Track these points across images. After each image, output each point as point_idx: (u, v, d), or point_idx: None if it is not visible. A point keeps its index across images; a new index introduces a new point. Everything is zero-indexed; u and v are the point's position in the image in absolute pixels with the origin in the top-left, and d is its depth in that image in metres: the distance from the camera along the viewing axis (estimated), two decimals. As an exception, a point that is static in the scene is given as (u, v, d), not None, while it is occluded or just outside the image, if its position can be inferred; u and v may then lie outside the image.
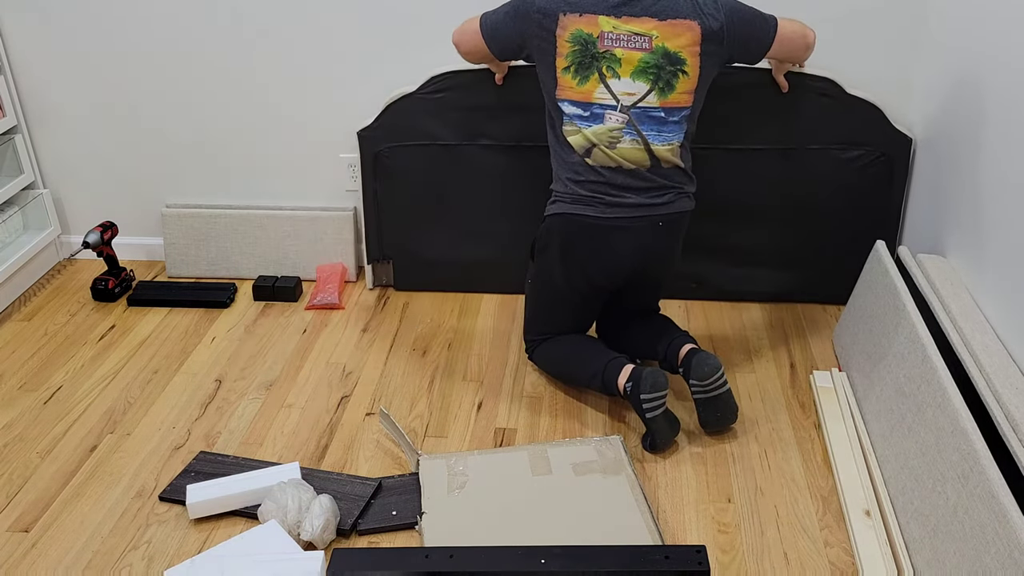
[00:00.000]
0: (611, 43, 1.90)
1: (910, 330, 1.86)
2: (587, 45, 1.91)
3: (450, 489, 1.84)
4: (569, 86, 1.94)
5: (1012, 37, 1.83)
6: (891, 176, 2.39)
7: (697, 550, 1.60)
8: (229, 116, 2.64)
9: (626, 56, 1.90)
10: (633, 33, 1.89)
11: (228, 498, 1.81)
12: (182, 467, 1.96)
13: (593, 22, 1.90)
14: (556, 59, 1.94)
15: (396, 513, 1.80)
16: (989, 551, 1.39)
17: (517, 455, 1.94)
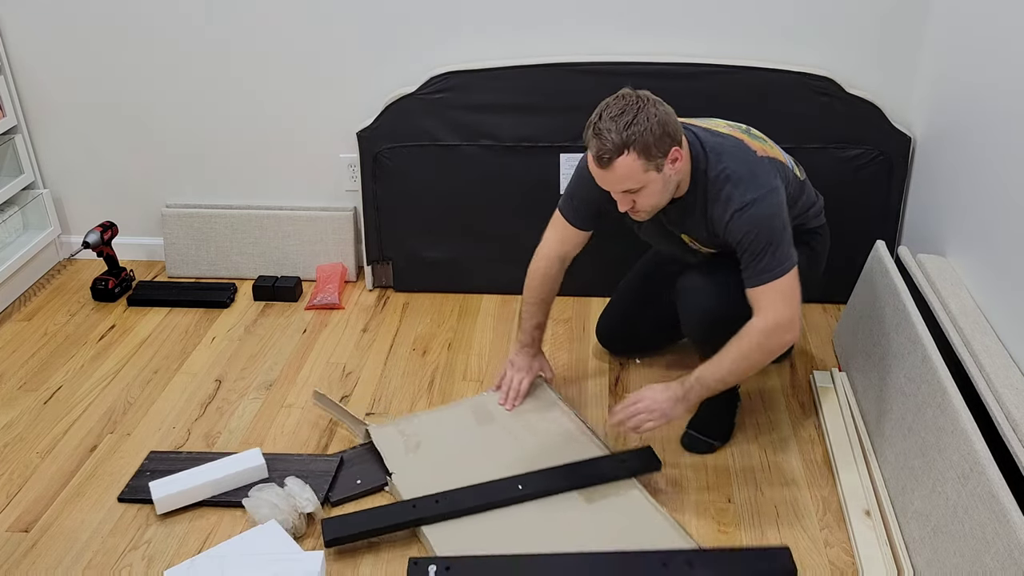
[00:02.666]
0: None
1: (910, 330, 1.86)
2: None
3: (407, 450, 1.93)
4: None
5: (1012, 37, 1.83)
6: (891, 175, 2.39)
7: (644, 449, 1.90)
8: (229, 116, 2.64)
9: None
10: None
11: (194, 489, 1.83)
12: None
13: None
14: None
15: (360, 481, 1.88)
16: (989, 551, 1.39)
17: (459, 409, 2.06)
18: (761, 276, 1.70)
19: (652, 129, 1.63)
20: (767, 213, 1.70)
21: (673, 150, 1.67)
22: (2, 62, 2.60)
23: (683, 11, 2.34)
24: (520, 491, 1.79)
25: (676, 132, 1.68)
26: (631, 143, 1.63)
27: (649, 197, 1.72)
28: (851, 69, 2.36)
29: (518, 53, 2.42)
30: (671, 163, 1.68)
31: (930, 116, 2.28)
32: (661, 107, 1.66)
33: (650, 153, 1.64)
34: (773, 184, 1.73)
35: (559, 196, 2.48)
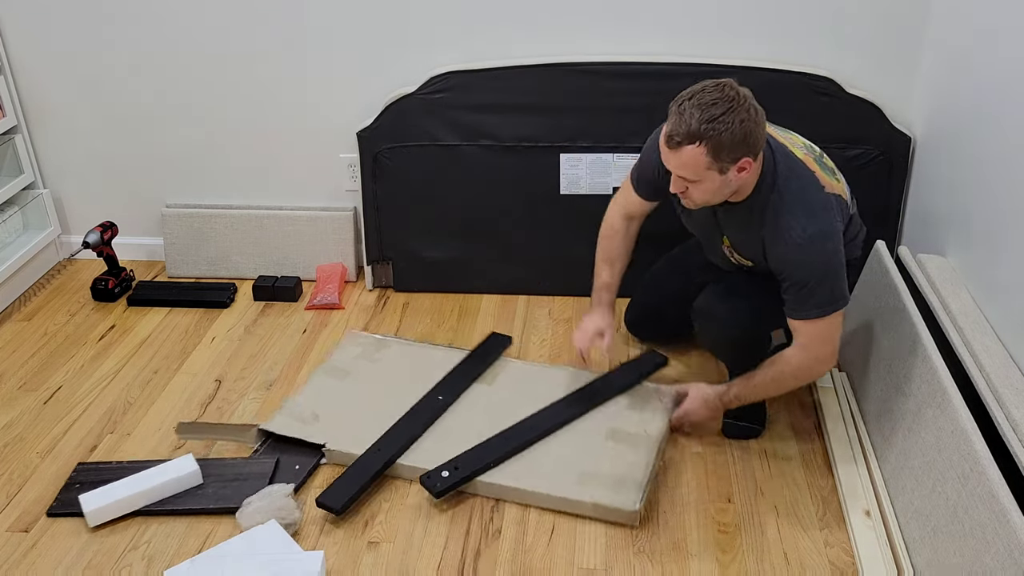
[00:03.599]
0: None
1: (910, 330, 1.86)
2: None
3: (309, 422, 2.00)
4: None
5: (1012, 36, 1.83)
6: (891, 175, 2.39)
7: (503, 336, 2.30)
8: (229, 116, 2.64)
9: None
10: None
11: (126, 500, 1.80)
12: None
13: None
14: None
15: (299, 467, 1.91)
16: (989, 551, 1.39)
17: (326, 380, 2.15)
18: (809, 310, 1.73)
19: (733, 132, 1.59)
20: (825, 251, 1.70)
21: (744, 160, 1.64)
22: (2, 62, 2.60)
23: (683, 11, 2.34)
24: (440, 401, 2.05)
25: (756, 143, 1.65)
26: (706, 137, 1.60)
27: (703, 192, 1.71)
28: (851, 69, 2.36)
29: (518, 53, 2.42)
30: (737, 171, 1.66)
31: (930, 116, 2.28)
32: (753, 113, 1.62)
33: (720, 155, 1.62)
34: (835, 225, 1.72)
35: (559, 196, 2.49)
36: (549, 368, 2.20)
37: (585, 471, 1.85)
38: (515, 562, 1.71)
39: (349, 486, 1.83)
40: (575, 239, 2.47)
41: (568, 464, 1.87)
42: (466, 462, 1.87)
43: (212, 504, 1.83)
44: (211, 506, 1.82)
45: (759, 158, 1.70)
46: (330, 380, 2.16)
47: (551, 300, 2.56)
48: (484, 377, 2.16)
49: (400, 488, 1.89)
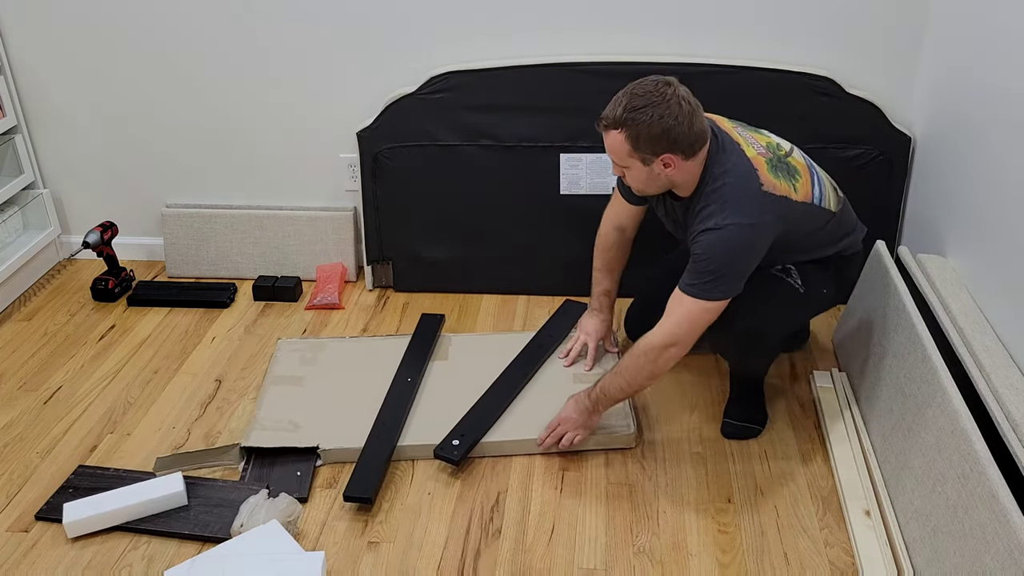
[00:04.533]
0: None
1: (910, 330, 1.86)
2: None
3: (292, 430, 2.00)
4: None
5: (1012, 37, 1.83)
6: (891, 175, 2.39)
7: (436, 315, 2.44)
8: (229, 116, 2.64)
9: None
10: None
11: (108, 514, 1.78)
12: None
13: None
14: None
15: (300, 474, 1.91)
16: (989, 551, 1.39)
17: (280, 390, 2.15)
18: (691, 287, 1.74)
19: (651, 126, 1.67)
20: (730, 243, 1.71)
21: (666, 155, 1.70)
22: (2, 62, 2.60)
23: (683, 11, 2.34)
24: (408, 383, 2.13)
25: (679, 141, 1.69)
26: (625, 125, 1.69)
27: (634, 179, 1.79)
28: (851, 69, 2.36)
29: (518, 53, 2.42)
30: (663, 165, 1.72)
31: (930, 116, 2.28)
32: (677, 113, 1.67)
33: (639, 144, 1.70)
34: (757, 220, 1.71)
35: (559, 196, 2.49)
36: (489, 336, 2.40)
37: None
38: (515, 562, 1.71)
39: (369, 475, 1.86)
40: (575, 239, 2.47)
41: (556, 410, 1.97)
42: (469, 427, 1.98)
43: (189, 530, 1.78)
44: (186, 531, 1.77)
45: (698, 157, 1.74)
46: (285, 388, 2.15)
47: (551, 300, 2.56)
48: (436, 355, 2.28)
49: (400, 488, 1.89)
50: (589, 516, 1.81)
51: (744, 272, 1.75)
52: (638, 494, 1.86)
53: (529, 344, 2.27)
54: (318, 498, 1.87)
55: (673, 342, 1.76)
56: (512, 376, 2.16)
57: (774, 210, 1.74)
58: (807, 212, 1.82)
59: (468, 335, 2.40)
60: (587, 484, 1.89)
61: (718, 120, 1.86)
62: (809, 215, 1.83)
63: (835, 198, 1.91)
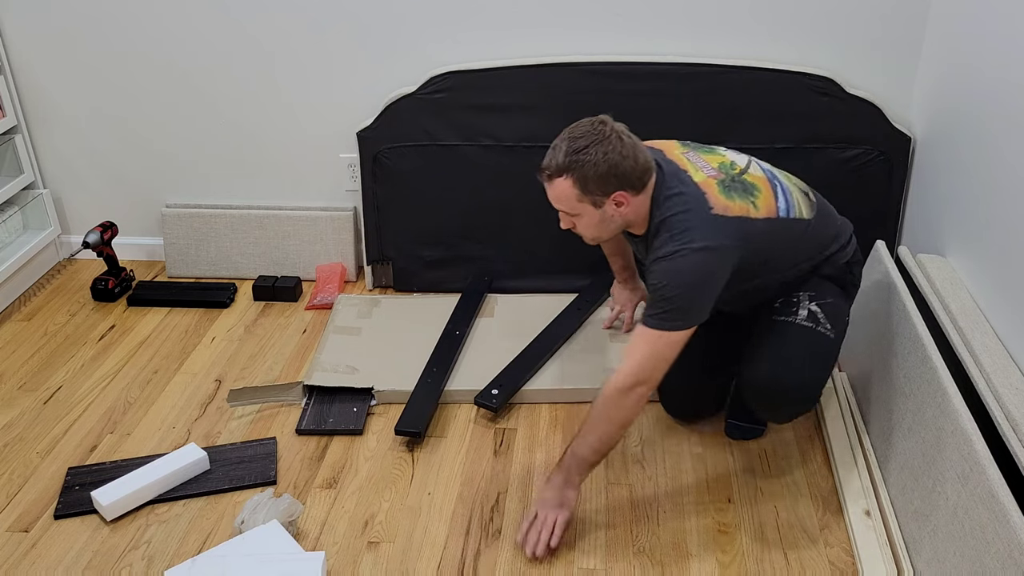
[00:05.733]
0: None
1: (910, 330, 1.86)
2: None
3: (350, 372, 2.19)
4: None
5: (1012, 36, 1.83)
6: (890, 175, 2.39)
7: (481, 281, 2.60)
8: (229, 116, 2.64)
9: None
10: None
11: (140, 491, 1.84)
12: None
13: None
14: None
15: (356, 410, 2.10)
16: (989, 551, 1.39)
17: (339, 339, 2.35)
18: (651, 318, 1.63)
19: (597, 164, 1.60)
20: (683, 270, 1.62)
21: (617, 193, 1.63)
22: (2, 62, 2.60)
23: (683, 11, 2.34)
24: (457, 336, 2.30)
25: (627, 176, 1.62)
26: (571, 169, 1.62)
27: (586, 227, 1.71)
28: (851, 69, 2.36)
29: (518, 53, 2.42)
30: (615, 204, 1.65)
31: (930, 116, 2.28)
32: (619, 147, 1.61)
33: (587, 187, 1.62)
34: (709, 244, 1.62)
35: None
36: (533, 297, 2.52)
37: (607, 367, 2.11)
38: (515, 562, 1.71)
39: (419, 412, 2.04)
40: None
41: (592, 363, 2.20)
42: (508, 378, 2.15)
43: (226, 484, 1.90)
44: (225, 486, 1.89)
45: (647, 190, 1.67)
46: (343, 337, 2.35)
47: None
48: (483, 312, 2.46)
49: (401, 488, 1.89)
50: (589, 516, 1.81)
51: (704, 300, 1.64)
52: (638, 494, 1.86)
53: (569, 306, 2.43)
54: (318, 498, 1.87)
55: (640, 380, 1.63)
56: (552, 333, 2.31)
57: (729, 232, 1.65)
58: (774, 227, 1.73)
59: (511, 296, 2.53)
60: (587, 484, 1.89)
61: (667, 146, 1.79)
62: (778, 229, 1.74)
63: (807, 204, 1.81)
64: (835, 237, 1.87)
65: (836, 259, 1.86)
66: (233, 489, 1.89)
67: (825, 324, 1.80)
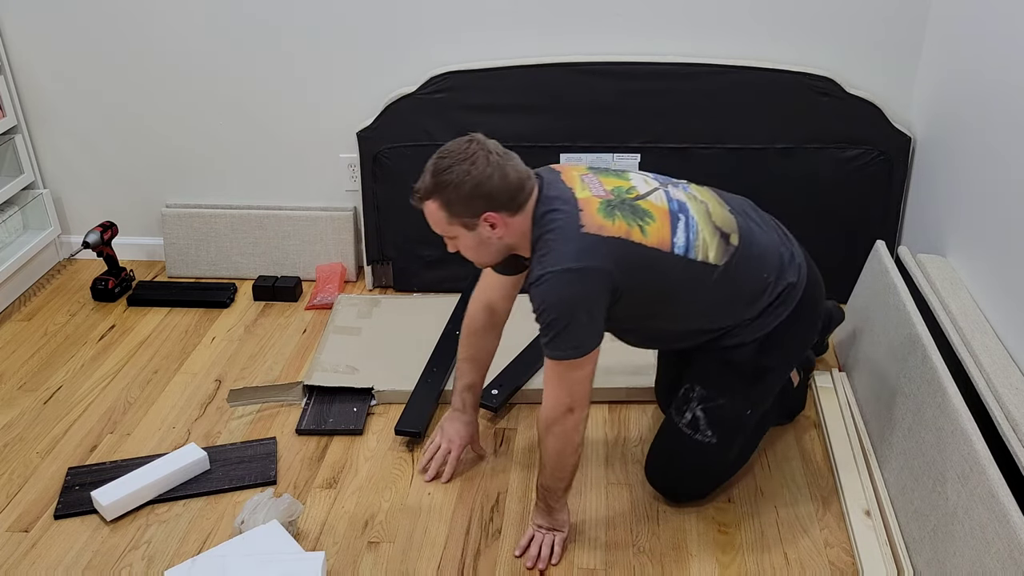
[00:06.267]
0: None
1: (910, 330, 1.86)
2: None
3: (350, 372, 2.19)
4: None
5: (1012, 37, 1.83)
6: (891, 175, 2.39)
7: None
8: (229, 116, 2.64)
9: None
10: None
11: (140, 491, 1.84)
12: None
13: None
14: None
15: (356, 410, 2.10)
16: (989, 551, 1.39)
17: (339, 338, 2.35)
18: (546, 347, 1.56)
19: (460, 185, 1.53)
20: (553, 293, 1.52)
21: (487, 214, 1.55)
22: (2, 62, 2.60)
23: (683, 11, 2.34)
24: (458, 335, 2.10)
25: (495, 195, 1.54)
26: (436, 192, 1.57)
27: (466, 249, 1.65)
28: (851, 69, 2.36)
29: (518, 53, 2.42)
30: (488, 226, 1.57)
31: (930, 116, 2.28)
32: (484, 167, 1.53)
33: (454, 208, 1.56)
34: (574, 264, 1.52)
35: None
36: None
37: (606, 366, 1.90)
38: (515, 562, 1.71)
39: (419, 412, 2.05)
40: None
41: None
42: (507, 378, 2.13)
43: (226, 484, 1.90)
44: (225, 486, 1.89)
45: (525, 211, 1.58)
46: (343, 337, 2.35)
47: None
48: None
49: (401, 488, 1.89)
50: (589, 516, 1.81)
51: (584, 321, 1.54)
52: (638, 494, 1.86)
53: None
54: (318, 498, 1.87)
55: (567, 409, 1.58)
56: None
57: (597, 253, 1.53)
58: (666, 261, 1.58)
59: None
60: (587, 484, 1.89)
61: (568, 166, 1.68)
62: (673, 266, 1.59)
63: (719, 249, 1.62)
64: (761, 292, 1.67)
65: (760, 325, 1.67)
66: (233, 489, 1.89)
67: (706, 432, 1.72)
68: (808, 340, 1.81)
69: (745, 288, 1.66)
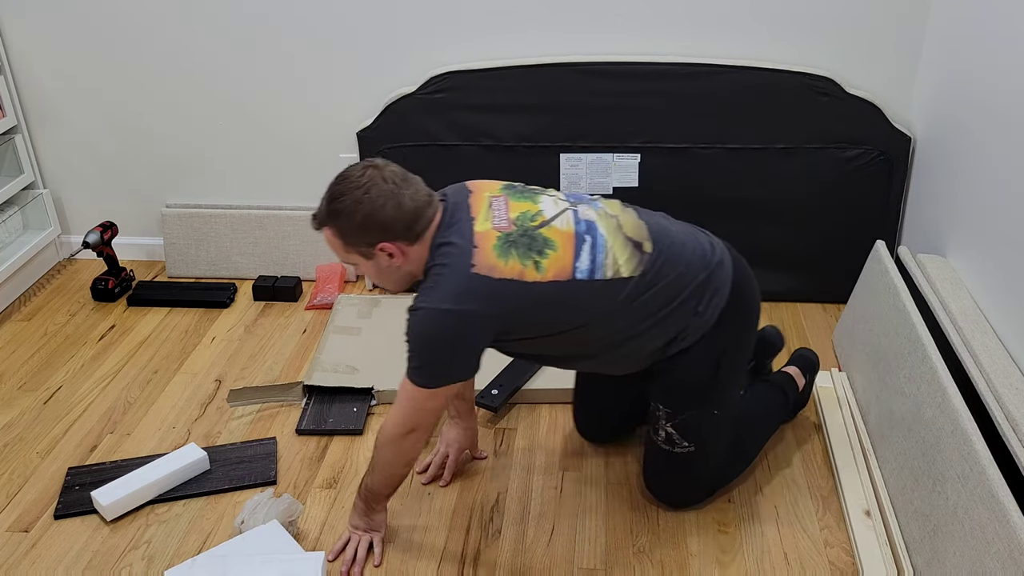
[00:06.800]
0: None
1: (910, 330, 1.86)
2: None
3: (350, 372, 2.20)
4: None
5: (1012, 37, 1.83)
6: (891, 175, 2.39)
7: None
8: (229, 116, 2.64)
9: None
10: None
11: (139, 491, 1.84)
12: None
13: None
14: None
15: (356, 410, 2.10)
16: (989, 551, 1.39)
17: (339, 338, 2.35)
18: (408, 369, 1.54)
19: (351, 215, 1.50)
20: (422, 328, 1.50)
21: (382, 243, 1.52)
22: (2, 62, 2.60)
23: (683, 11, 2.34)
24: None
25: (390, 225, 1.51)
26: (329, 220, 1.54)
27: (369, 275, 1.62)
28: (851, 69, 2.36)
29: (518, 53, 2.42)
30: (386, 255, 1.54)
31: (930, 116, 2.28)
32: (376, 196, 1.50)
33: (348, 237, 1.53)
34: (452, 307, 1.48)
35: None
36: None
37: None
38: (515, 562, 1.71)
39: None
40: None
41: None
42: (508, 378, 2.14)
43: (226, 484, 1.90)
44: (225, 486, 1.89)
45: (423, 241, 1.55)
46: (343, 337, 2.35)
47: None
48: None
49: (400, 488, 1.89)
50: (589, 516, 1.81)
51: (451, 360, 1.52)
52: (638, 494, 1.86)
53: None
54: (318, 498, 1.87)
55: (409, 429, 1.57)
56: None
57: (482, 296, 1.49)
58: (561, 291, 1.53)
59: None
60: (587, 484, 1.89)
61: (483, 186, 1.64)
62: (577, 293, 1.54)
63: (634, 259, 1.58)
64: (692, 287, 1.62)
65: (704, 320, 1.63)
66: (233, 489, 1.89)
67: (682, 444, 1.72)
68: (750, 326, 1.74)
69: (673, 287, 1.61)
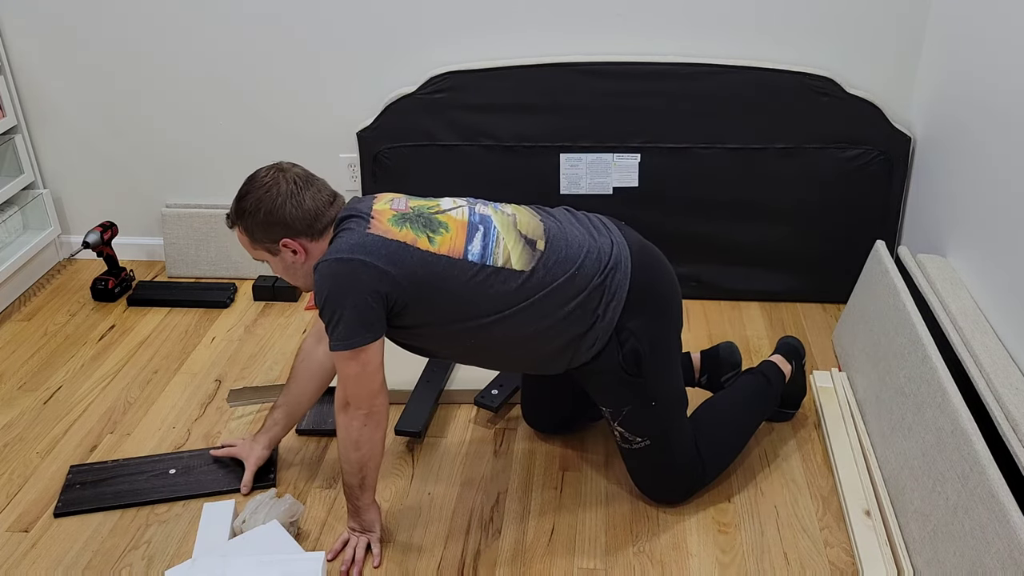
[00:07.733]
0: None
1: (910, 330, 1.86)
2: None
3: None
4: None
5: (1012, 37, 1.83)
6: (891, 175, 2.39)
7: None
8: (229, 116, 2.64)
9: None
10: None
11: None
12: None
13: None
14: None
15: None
16: (989, 551, 1.39)
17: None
18: (330, 341, 1.56)
19: (254, 213, 1.58)
20: (320, 283, 1.53)
21: (286, 240, 1.58)
22: (2, 62, 2.60)
23: (683, 11, 2.35)
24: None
25: (292, 222, 1.57)
26: (237, 219, 1.61)
27: (280, 273, 1.68)
28: (851, 69, 2.36)
29: (518, 53, 2.42)
30: (291, 252, 1.60)
31: (930, 116, 2.28)
32: (275, 195, 1.57)
33: (254, 235, 1.60)
34: (345, 256, 1.52)
35: (559, 196, 2.49)
36: None
37: None
38: (515, 562, 1.71)
39: (419, 412, 2.05)
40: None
41: None
42: (508, 378, 2.14)
43: (226, 486, 1.90)
44: (225, 487, 1.89)
45: (324, 237, 1.60)
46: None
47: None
48: None
49: (400, 488, 1.90)
50: (589, 516, 1.81)
51: (355, 310, 1.52)
52: (637, 494, 1.86)
53: None
54: (318, 498, 1.87)
55: (344, 402, 1.59)
56: None
57: (374, 250, 1.53)
58: (452, 267, 1.56)
59: None
60: (587, 484, 1.89)
61: (382, 194, 1.69)
62: (466, 273, 1.56)
63: (526, 255, 1.60)
64: (589, 288, 1.62)
65: (608, 321, 1.63)
66: (233, 490, 1.89)
67: (635, 439, 1.74)
68: (662, 315, 1.70)
69: (568, 288, 1.61)
